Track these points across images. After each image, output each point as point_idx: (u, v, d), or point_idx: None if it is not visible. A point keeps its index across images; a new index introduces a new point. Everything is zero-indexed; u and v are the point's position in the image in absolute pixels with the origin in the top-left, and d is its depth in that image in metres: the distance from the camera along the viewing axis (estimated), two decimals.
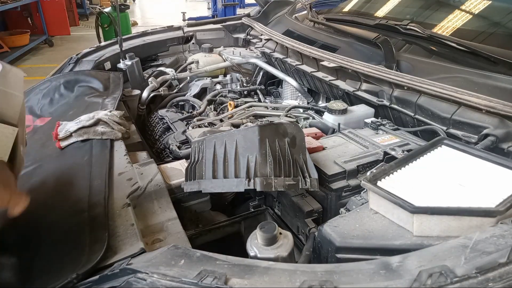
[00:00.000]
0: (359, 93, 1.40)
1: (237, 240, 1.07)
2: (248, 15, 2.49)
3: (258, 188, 0.80)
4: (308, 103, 1.70)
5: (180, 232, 0.79)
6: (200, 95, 1.83)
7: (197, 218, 1.06)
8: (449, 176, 0.75)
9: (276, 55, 1.90)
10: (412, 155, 0.83)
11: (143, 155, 1.15)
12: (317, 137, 1.15)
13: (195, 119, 1.50)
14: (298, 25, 2.01)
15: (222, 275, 0.56)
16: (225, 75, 1.96)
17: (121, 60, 1.86)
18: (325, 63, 1.53)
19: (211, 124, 1.46)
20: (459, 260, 0.54)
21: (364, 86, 1.41)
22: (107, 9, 6.36)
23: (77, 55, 1.89)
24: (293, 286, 0.54)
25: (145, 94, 1.74)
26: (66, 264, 0.68)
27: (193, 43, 2.38)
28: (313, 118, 1.40)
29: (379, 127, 1.17)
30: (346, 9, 1.99)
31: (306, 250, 0.84)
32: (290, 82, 1.75)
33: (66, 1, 8.46)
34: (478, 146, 0.92)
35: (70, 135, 1.14)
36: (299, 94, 1.76)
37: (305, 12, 2.11)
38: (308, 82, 1.73)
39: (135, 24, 9.02)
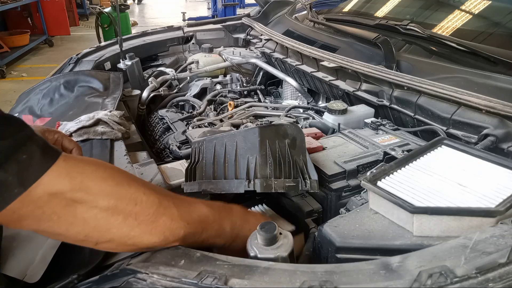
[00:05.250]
0: (359, 93, 1.40)
1: None
2: (248, 15, 2.49)
3: (258, 190, 0.80)
4: (308, 103, 1.70)
5: None
6: (200, 95, 1.83)
7: None
8: (449, 176, 0.75)
9: (276, 55, 1.90)
10: (412, 155, 0.83)
11: (143, 155, 1.15)
12: (317, 137, 1.15)
13: (195, 119, 1.50)
14: (298, 25, 2.01)
15: (222, 276, 0.56)
16: (225, 75, 1.96)
17: (121, 60, 1.86)
18: (325, 63, 1.53)
19: (211, 124, 1.46)
20: (459, 260, 0.54)
21: (364, 86, 1.41)
22: (107, 9, 6.37)
23: (77, 55, 1.89)
24: (293, 286, 0.54)
25: (145, 94, 1.74)
26: (67, 264, 0.68)
27: (193, 43, 2.38)
28: (313, 118, 1.40)
29: (379, 127, 1.17)
30: (346, 9, 1.99)
31: (306, 250, 0.84)
32: (290, 82, 1.75)
33: (66, 1, 8.46)
34: (478, 146, 0.92)
35: (70, 135, 1.14)
36: (299, 94, 1.76)
37: (305, 12, 2.11)
38: (308, 82, 1.73)
39: (135, 24, 9.03)
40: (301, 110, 1.50)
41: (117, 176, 0.62)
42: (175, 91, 1.91)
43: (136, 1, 13.77)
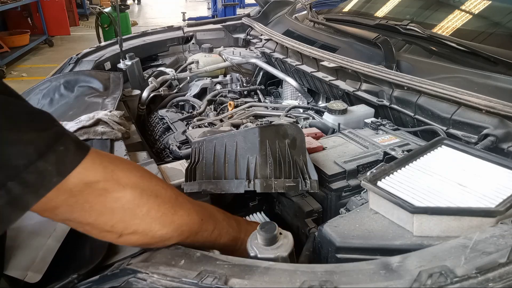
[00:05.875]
0: (359, 93, 1.40)
1: None
2: (248, 15, 2.49)
3: (258, 190, 0.80)
4: (308, 103, 1.70)
5: None
6: (200, 95, 1.83)
7: None
8: (449, 176, 0.75)
9: (276, 55, 1.90)
10: (412, 155, 0.83)
11: (143, 155, 1.15)
12: (317, 137, 1.15)
13: (195, 119, 1.50)
14: (298, 25, 2.01)
15: (222, 275, 0.56)
16: (225, 75, 1.96)
17: (121, 60, 1.86)
18: (325, 63, 1.53)
19: (211, 124, 1.46)
20: (459, 260, 0.54)
21: (364, 86, 1.41)
22: (107, 9, 6.36)
23: (77, 55, 1.89)
24: (293, 286, 0.54)
25: (145, 94, 1.74)
26: (67, 264, 0.68)
27: (193, 43, 2.38)
28: (313, 118, 1.40)
29: (379, 127, 1.17)
30: (346, 9, 1.99)
31: (306, 250, 0.84)
32: (290, 82, 1.75)
33: (66, 1, 8.46)
34: (478, 146, 0.92)
35: None
36: (299, 94, 1.76)
37: (305, 12, 2.11)
38: (308, 82, 1.73)
39: (135, 24, 9.03)
40: (301, 110, 1.50)
41: (140, 169, 0.67)
42: (175, 91, 1.91)
43: (136, 1, 13.78)
